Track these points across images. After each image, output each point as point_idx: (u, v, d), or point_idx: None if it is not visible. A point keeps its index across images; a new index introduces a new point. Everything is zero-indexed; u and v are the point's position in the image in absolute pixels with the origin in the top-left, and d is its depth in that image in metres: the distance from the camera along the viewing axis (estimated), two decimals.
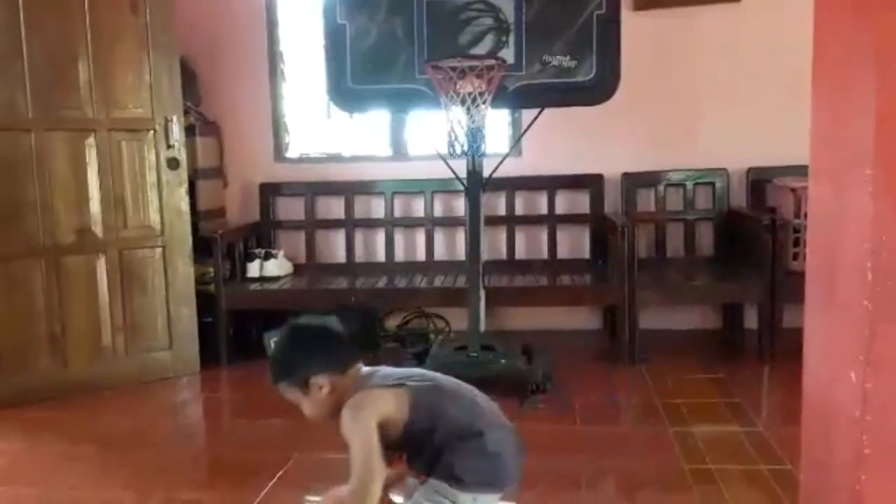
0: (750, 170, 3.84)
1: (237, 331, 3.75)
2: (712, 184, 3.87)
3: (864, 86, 1.16)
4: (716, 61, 3.83)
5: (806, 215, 1.47)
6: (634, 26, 3.45)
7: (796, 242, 3.34)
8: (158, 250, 3.43)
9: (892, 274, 1.13)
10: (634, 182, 3.92)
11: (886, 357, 1.13)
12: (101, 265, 3.30)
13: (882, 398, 1.13)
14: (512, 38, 2.82)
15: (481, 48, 2.91)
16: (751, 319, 3.62)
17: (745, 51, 3.79)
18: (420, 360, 3.19)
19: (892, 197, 1.12)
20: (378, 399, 1.65)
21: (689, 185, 3.89)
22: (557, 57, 2.84)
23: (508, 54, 2.85)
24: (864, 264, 1.17)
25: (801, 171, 1.40)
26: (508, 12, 2.85)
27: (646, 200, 3.95)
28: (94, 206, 3.27)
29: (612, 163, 3.94)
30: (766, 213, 3.58)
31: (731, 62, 3.81)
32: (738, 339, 3.74)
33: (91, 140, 3.24)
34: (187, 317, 3.51)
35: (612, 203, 3.97)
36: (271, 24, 4.14)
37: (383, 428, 1.61)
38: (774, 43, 3.69)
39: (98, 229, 3.28)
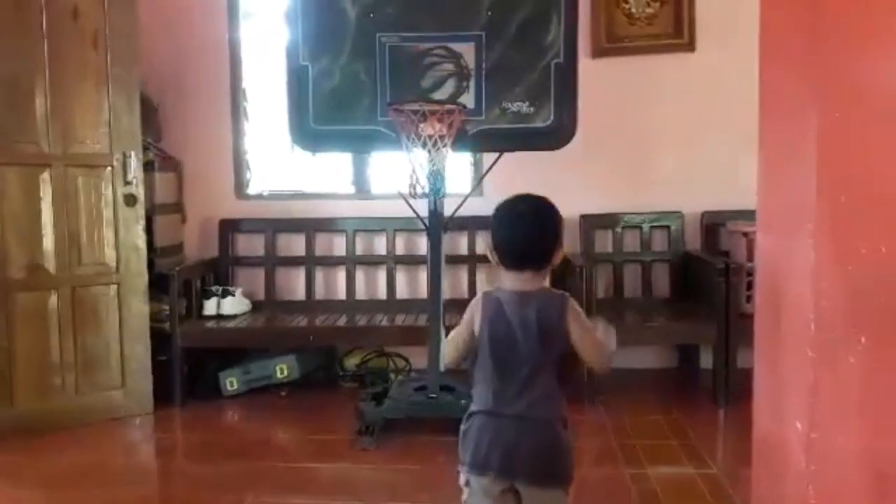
0: (704, 213, 3.93)
1: (192, 369, 3.68)
2: (668, 226, 3.95)
3: (804, 135, 1.20)
4: (671, 107, 3.93)
5: None
6: (592, 73, 3.53)
7: (749, 286, 3.41)
8: (113, 287, 3.37)
9: (833, 324, 1.17)
10: (592, 223, 3.98)
11: (830, 408, 1.16)
12: (53, 302, 3.23)
13: (826, 449, 1.15)
14: (472, 84, 2.87)
15: (442, 93, 2.96)
16: (706, 359, 3.68)
17: (698, 98, 3.90)
18: (378, 400, 3.17)
19: (832, 249, 1.16)
20: None
21: (646, 227, 3.97)
22: (516, 103, 2.90)
23: (469, 99, 2.89)
24: (807, 315, 1.20)
25: (753, 215, 1.45)
26: (469, 59, 2.90)
27: (604, 241, 4.01)
28: (48, 242, 3.20)
29: (570, 204, 3.94)
30: (719, 256, 3.66)
31: (686, 108, 3.92)
32: (694, 378, 3.79)
33: (46, 175, 3.19)
34: (141, 355, 3.44)
35: (571, 243, 4.01)
36: (234, 62, 4.15)
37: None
38: (727, 91, 3.79)
39: (51, 265, 3.21)
